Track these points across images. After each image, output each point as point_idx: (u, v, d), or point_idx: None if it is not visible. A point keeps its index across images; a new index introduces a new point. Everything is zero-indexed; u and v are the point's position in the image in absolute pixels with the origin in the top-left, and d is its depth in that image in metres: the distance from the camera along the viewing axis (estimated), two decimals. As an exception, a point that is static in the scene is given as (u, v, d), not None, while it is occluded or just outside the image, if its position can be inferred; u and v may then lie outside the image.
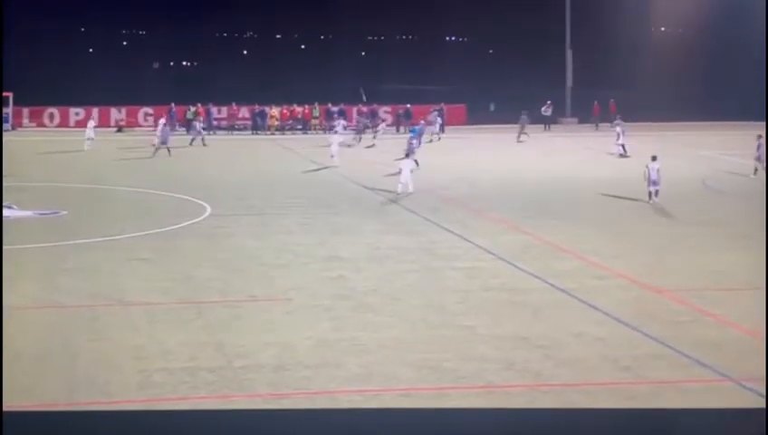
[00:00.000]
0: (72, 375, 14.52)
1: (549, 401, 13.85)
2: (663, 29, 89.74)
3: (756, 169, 35.60)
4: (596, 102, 58.97)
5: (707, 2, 65.02)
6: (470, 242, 24.46)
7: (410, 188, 31.59)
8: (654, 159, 30.77)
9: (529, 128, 51.57)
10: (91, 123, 48.74)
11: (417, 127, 45.31)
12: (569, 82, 62.16)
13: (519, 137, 50.32)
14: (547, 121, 58.00)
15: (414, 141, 39.49)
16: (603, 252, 23.29)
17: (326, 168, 39.01)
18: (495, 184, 35.23)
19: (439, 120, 52.59)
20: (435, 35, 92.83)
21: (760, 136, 36.00)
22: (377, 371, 14.89)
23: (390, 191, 32.06)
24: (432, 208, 29.43)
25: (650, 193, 30.47)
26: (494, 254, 23.03)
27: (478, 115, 56.75)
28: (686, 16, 70.05)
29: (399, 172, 32.22)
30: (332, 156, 39.56)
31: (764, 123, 39.68)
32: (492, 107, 57.49)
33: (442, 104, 57.48)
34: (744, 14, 61.30)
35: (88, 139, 46.29)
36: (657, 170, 30.43)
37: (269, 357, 15.38)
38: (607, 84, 66.58)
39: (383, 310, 18.19)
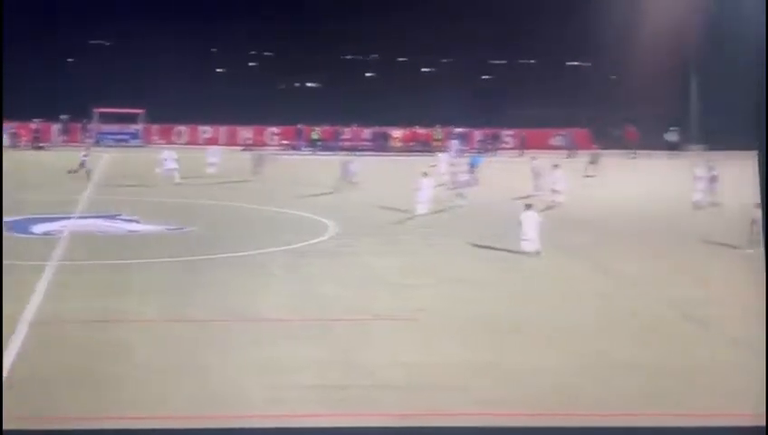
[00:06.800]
0: (200, 389, 14.52)
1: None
2: None
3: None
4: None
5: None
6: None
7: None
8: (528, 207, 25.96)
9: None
10: None
11: (477, 158, 42.36)
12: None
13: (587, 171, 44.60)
14: (672, 147, 56.51)
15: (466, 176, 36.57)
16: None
17: (455, 189, 38.37)
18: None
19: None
20: (557, 60, 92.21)
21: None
22: (505, 395, 14.52)
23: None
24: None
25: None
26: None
27: (605, 140, 55.61)
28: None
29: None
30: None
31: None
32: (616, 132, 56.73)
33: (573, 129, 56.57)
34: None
35: None
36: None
37: (398, 376, 15.20)
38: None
39: (511, 334, 17.83)
